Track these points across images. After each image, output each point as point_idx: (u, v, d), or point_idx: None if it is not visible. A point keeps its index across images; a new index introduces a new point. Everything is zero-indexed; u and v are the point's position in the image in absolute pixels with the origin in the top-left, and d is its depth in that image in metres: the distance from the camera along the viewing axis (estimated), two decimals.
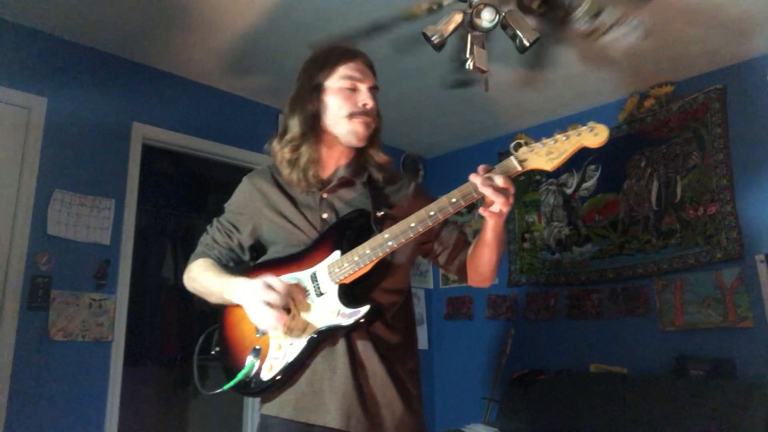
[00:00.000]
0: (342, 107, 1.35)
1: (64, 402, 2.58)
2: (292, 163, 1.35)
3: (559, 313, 3.66)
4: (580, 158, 3.69)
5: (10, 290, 2.50)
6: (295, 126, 1.36)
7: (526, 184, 3.97)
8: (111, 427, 2.71)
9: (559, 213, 3.78)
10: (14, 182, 2.60)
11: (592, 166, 3.64)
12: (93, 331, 2.70)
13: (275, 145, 1.39)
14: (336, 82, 1.36)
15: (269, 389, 1.26)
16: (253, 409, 3.34)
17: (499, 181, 1.12)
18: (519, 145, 1.16)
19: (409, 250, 1.35)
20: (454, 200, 1.16)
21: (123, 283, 2.85)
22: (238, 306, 1.34)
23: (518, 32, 2.29)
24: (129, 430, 3.09)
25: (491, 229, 1.25)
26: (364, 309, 1.19)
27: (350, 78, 1.36)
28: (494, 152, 4.04)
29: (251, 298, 1.19)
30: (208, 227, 1.49)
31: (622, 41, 2.53)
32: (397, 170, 1.51)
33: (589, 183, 3.64)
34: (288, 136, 1.37)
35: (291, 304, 1.23)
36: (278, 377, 1.24)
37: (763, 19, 2.68)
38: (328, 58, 1.39)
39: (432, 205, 1.18)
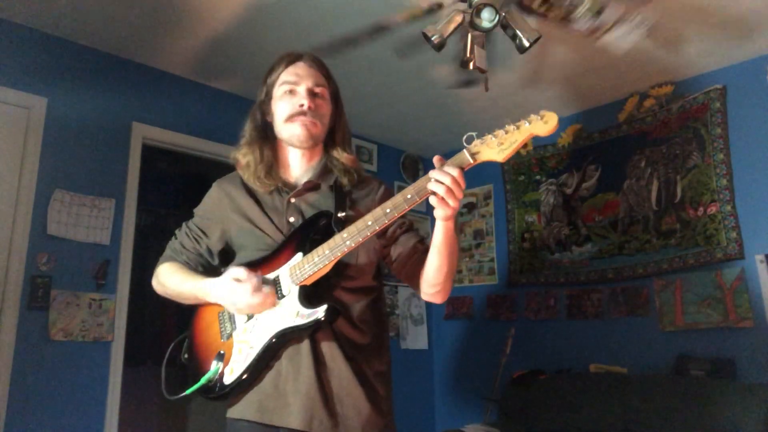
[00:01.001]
0: (282, 112, 1.37)
1: (64, 402, 2.58)
2: (246, 167, 1.40)
3: (559, 313, 3.66)
4: (581, 158, 3.70)
5: (10, 290, 2.50)
6: (246, 132, 1.44)
7: (526, 184, 3.97)
8: (111, 427, 2.71)
9: (559, 213, 3.78)
10: (14, 182, 2.60)
11: (592, 166, 3.64)
12: (93, 331, 2.70)
13: (233, 152, 1.45)
14: (278, 88, 1.39)
15: (231, 393, 1.27)
16: None
17: (452, 172, 1.11)
18: (472, 138, 1.15)
19: (372, 250, 1.35)
20: (408, 196, 1.15)
21: (123, 283, 2.85)
22: (205, 313, 1.39)
23: (518, 32, 2.29)
24: (129, 430, 3.08)
25: (439, 232, 1.20)
26: (322, 309, 1.19)
27: (288, 82, 1.37)
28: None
29: (223, 295, 1.24)
30: (177, 231, 1.51)
31: (625, 40, 2.52)
32: (368, 174, 1.49)
33: (589, 183, 3.64)
34: (241, 141, 1.44)
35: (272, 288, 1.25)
36: (239, 380, 1.25)
37: (763, 19, 2.68)
38: (273, 67, 1.42)
39: (388, 203, 1.18)
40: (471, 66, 2.37)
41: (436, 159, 1.15)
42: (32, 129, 2.67)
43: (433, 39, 2.29)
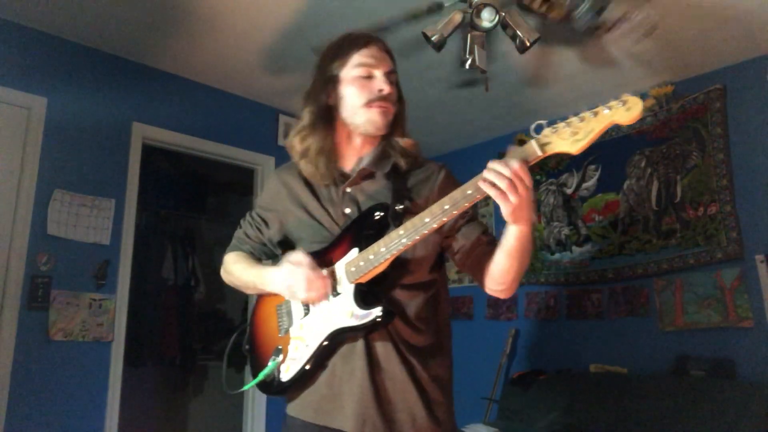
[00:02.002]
0: (358, 96, 1.29)
1: (64, 402, 2.58)
2: (303, 154, 1.32)
3: (559, 313, 3.66)
4: (581, 158, 3.70)
5: (10, 290, 2.50)
6: (305, 117, 1.33)
7: None
8: (111, 427, 2.71)
9: (559, 213, 3.78)
10: (14, 182, 2.60)
11: (592, 166, 3.64)
12: (93, 331, 2.70)
13: (289, 137, 1.37)
14: (350, 71, 1.30)
15: (288, 390, 1.26)
16: (253, 409, 3.34)
17: (514, 164, 1.00)
18: (541, 127, 1.01)
19: (431, 243, 1.27)
20: (468, 192, 1.06)
21: (123, 283, 2.85)
22: (265, 304, 1.37)
23: (518, 32, 2.29)
24: (129, 430, 3.08)
25: (511, 235, 1.12)
26: (376, 311, 1.14)
27: (364, 65, 1.29)
28: (494, 152, 4.01)
29: (280, 278, 1.22)
30: (242, 221, 1.50)
31: (627, 38, 2.50)
32: (426, 157, 1.41)
33: (589, 183, 3.64)
34: (298, 127, 1.34)
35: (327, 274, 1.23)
36: (295, 378, 1.23)
37: (763, 18, 2.68)
38: (340, 48, 1.33)
39: (446, 198, 1.09)
40: (471, 66, 2.37)
41: (502, 154, 1.05)
42: (32, 129, 2.67)
43: (433, 39, 2.29)
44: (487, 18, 2.23)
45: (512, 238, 1.13)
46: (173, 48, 2.97)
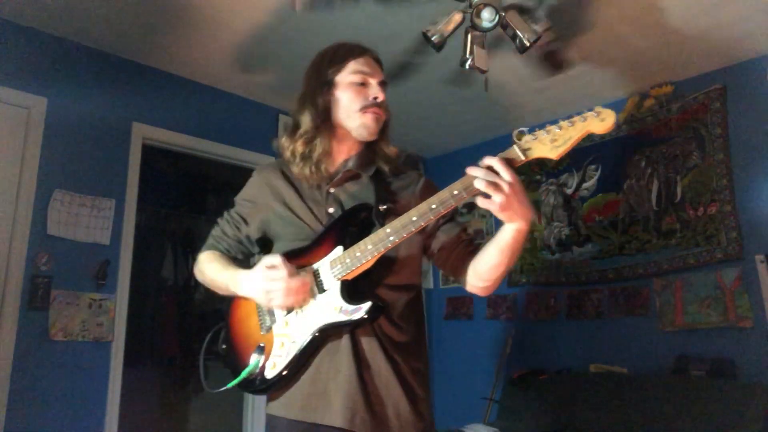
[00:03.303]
0: (354, 101, 1.34)
1: (64, 402, 2.58)
2: (306, 156, 1.35)
3: (559, 313, 3.66)
4: (581, 158, 3.70)
5: (10, 290, 2.50)
6: (307, 120, 1.36)
7: (526, 183, 3.97)
8: (111, 427, 2.71)
9: (559, 213, 3.78)
10: (14, 182, 2.60)
11: (593, 166, 3.64)
12: (93, 331, 2.70)
13: (284, 141, 1.40)
14: (347, 77, 1.36)
15: (273, 387, 1.26)
16: (253, 409, 3.34)
17: (494, 163, 1.07)
18: (522, 134, 1.09)
19: (416, 245, 1.32)
20: (455, 192, 1.11)
21: (123, 283, 2.85)
22: (243, 303, 1.36)
23: (518, 32, 2.29)
24: (129, 430, 3.08)
25: (507, 233, 1.15)
26: (366, 306, 1.17)
27: (361, 72, 1.36)
28: (494, 152, 4.01)
29: (256, 285, 1.23)
30: (219, 220, 1.51)
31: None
32: (407, 166, 1.47)
33: (589, 183, 3.64)
34: (301, 130, 1.37)
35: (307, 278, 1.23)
36: (281, 375, 1.24)
37: (763, 18, 2.68)
38: (337, 54, 1.39)
39: (433, 198, 1.14)
40: (471, 66, 2.37)
41: (485, 159, 1.10)
42: (32, 129, 2.67)
43: (433, 39, 2.29)
44: (487, 18, 2.23)
45: (508, 235, 1.16)
46: (173, 48, 2.97)
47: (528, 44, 2.32)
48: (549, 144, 1.07)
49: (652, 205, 3.31)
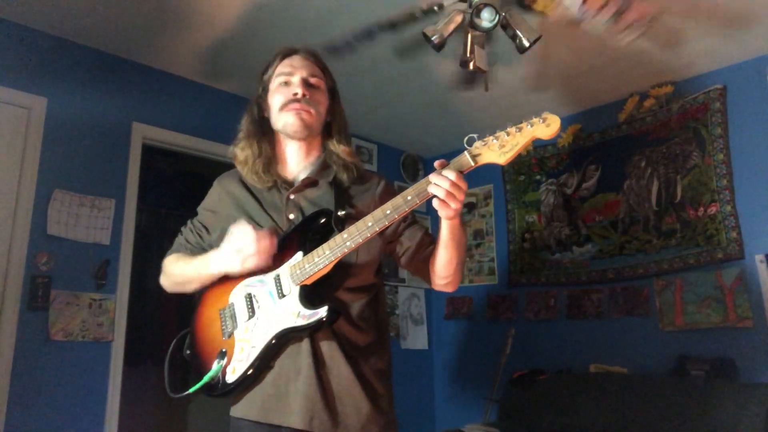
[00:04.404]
0: (277, 102, 1.38)
1: (64, 402, 2.58)
2: (244, 162, 1.40)
3: (559, 313, 3.66)
4: (581, 158, 3.70)
5: (10, 290, 2.50)
6: (243, 128, 1.44)
7: (526, 183, 3.97)
8: (111, 427, 2.71)
9: (559, 213, 3.78)
10: (14, 182, 2.60)
11: (593, 166, 3.64)
12: (93, 331, 2.70)
13: (230, 148, 1.46)
14: (274, 80, 1.41)
15: (234, 391, 1.28)
16: None
17: (450, 176, 1.11)
18: (472, 140, 1.15)
19: (374, 248, 1.35)
20: (409, 198, 1.16)
21: (123, 283, 2.85)
22: (206, 310, 1.39)
23: (518, 32, 2.29)
24: (129, 430, 3.08)
25: (445, 230, 1.23)
26: (323, 310, 1.19)
27: (283, 74, 1.39)
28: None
29: (227, 252, 1.25)
30: (182, 228, 1.54)
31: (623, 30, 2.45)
32: (368, 170, 1.50)
33: (590, 183, 3.64)
34: (238, 137, 1.45)
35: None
36: (241, 379, 1.25)
37: (763, 18, 2.68)
38: (269, 61, 1.45)
39: (388, 204, 1.18)
40: (471, 66, 2.37)
41: (437, 163, 1.16)
42: (32, 129, 2.67)
43: (433, 39, 2.29)
44: (487, 18, 2.23)
45: (446, 231, 1.23)
46: (173, 48, 2.97)
47: (528, 44, 2.32)
48: (497, 150, 1.11)
49: (652, 205, 3.31)
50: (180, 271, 1.42)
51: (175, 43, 2.92)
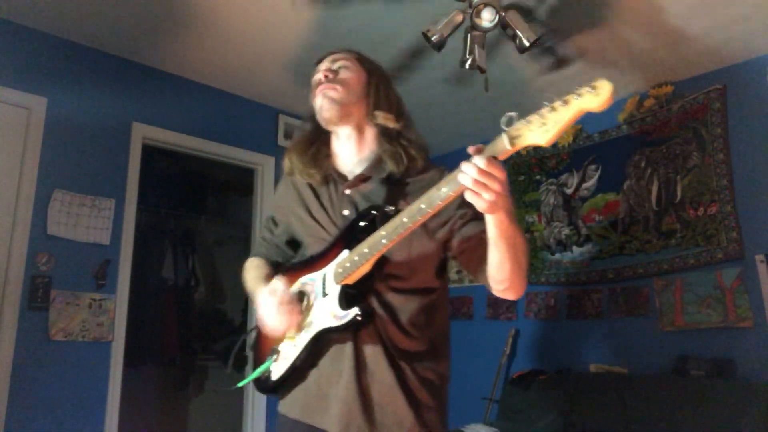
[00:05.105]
0: (311, 97, 1.38)
1: (64, 402, 2.58)
2: (295, 164, 1.39)
3: (559, 313, 3.66)
4: (581, 158, 3.70)
5: (10, 290, 2.50)
6: (300, 128, 1.43)
7: (526, 183, 3.97)
8: (111, 427, 2.71)
9: (559, 213, 3.78)
10: (14, 182, 2.60)
11: (593, 166, 3.64)
12: (93, 331, 2.70)
13: (288, 148, 1.44)
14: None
15: (278, 389, 1.29)
16: (253, 409, 3.34)
17: (479, 162, 0.96)
18: (512, 120, 0.97)
19: (418, 247, 1.25)
20: (443, 189, 1.03)
21: (123, 283, 2.85)
22: None
23: (518, 32, 2.29)
24: (129, 430, 3.08)
25: (490, 226, 1.06)
26: (353, 311, 1.15)
27: (318, 71, 1.38)
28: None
29: (260, 308, 1.26)
30: (263, 223, 1.55)
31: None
32: (432, 163, 1.37)
33: (589, 183, 3.64)
34: (296, 135, 1.44)
35: (298, 306, 1.25)
36: (283, 377, 1.26)
37: (763, 19, 2.68)
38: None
39: (422, 198, 1.07)
40: (471, 66, 2.38)
41: (471, 149, 0.99)
42: (32, 129, 2.67)
43: (433, 39, 2.29)
44: (487, 18, 2.23)
45: (492, 228, 1.07)
46: (173, 48, 2.97)
47: (528, 44, 2.33)
48: (539, 128, 0.93)
49: (652, 205, 3.31)
50: (247, 285, 1.44)
51: (176, 43, 2.92)
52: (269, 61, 3.10)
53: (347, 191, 1.32)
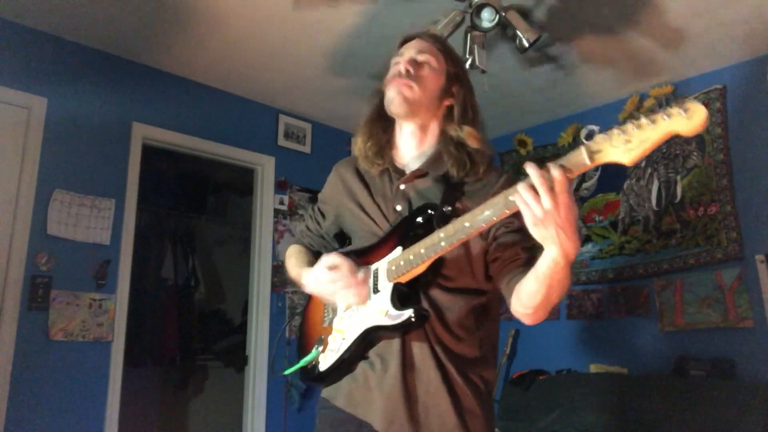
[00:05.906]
0: (386, 83, 1.31)
1: (64, 402, 2.58)
2: (361, 149, 1.35)
3: (559, 313, 3.66)
4: None
5: (10, 290, 2.50)
6: (364, 116, 1.37)
7: None
8: (111, 427, 2.71)
9: None
10: (14, 182, 2.60)
11: None
12: (93, 331, 2.70)
13: (354, 136, 1.41)
14: (390, 67, 1.33)
15: (325, 380, 1.27)
16: (253, 409, 3.34)
17: (554, 171, 0.88)
18: (593, 133, 0.95)
19: (477, 248, 1.21)
20: (511, 198, 0.94)
21: (123, 283, 2.85)
22: (316, 295, 1.37)
23: (518, 32, 2.30)
24: (129, 430, 3.08)
25: (545, 258, 0.98)
26: (407, 313, 1.11)
27: (397, 55, 1.32)
28: (494, 152, 4.03)
29: (319, 284, 1.23)
30: (305, 214, 1.53)
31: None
32: (493, 165, 1.31)
33: (589, 183, 3.64)
34: (359, 126, 1.37)
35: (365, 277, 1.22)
36: (331, 369, 1.24)
37: (763, 19, 2.68)
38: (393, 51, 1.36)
39: (486, 204, 1.00)
40: (471, 66, 2.38)
41: (529, 166, 0.90)
42: (32, 129, 2.67)
43: None
44: (487, 18, 2.23)
45: (542, 262, 1.00)
46: (173, 48, 2.97)
47: (528, 44, 2.33)
48: (622, 146, 0.86)
49: (652, 205, 3.31)
50: (289, 270, 1.43)
51: (176, 43, 2.92)
52: (269, 61, 3.10)
53: (402, 186, 1.28)
